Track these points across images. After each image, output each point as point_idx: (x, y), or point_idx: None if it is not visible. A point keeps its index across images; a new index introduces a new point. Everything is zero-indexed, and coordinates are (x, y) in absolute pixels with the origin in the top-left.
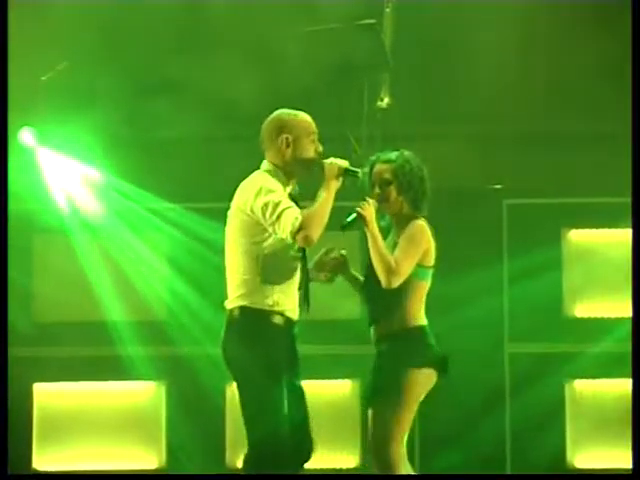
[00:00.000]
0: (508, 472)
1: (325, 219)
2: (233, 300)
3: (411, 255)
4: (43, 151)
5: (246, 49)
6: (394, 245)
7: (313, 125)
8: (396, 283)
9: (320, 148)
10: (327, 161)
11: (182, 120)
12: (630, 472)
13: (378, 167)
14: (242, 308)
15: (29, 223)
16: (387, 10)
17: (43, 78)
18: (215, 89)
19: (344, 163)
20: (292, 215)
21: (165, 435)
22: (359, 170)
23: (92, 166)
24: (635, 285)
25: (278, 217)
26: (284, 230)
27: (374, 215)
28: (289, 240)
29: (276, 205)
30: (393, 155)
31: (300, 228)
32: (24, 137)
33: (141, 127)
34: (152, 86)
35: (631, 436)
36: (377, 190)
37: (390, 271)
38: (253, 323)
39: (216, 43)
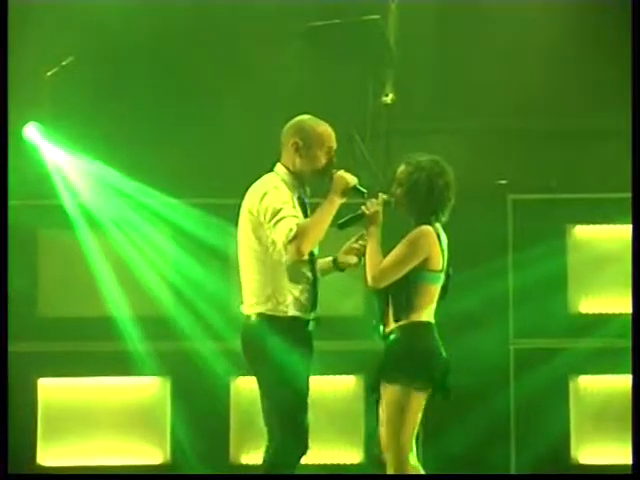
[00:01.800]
0: (512, 467)
1: (321, 233)
2: (250, 306)
3: (401, 260)
4: (48, 147)
5: (251, 46)
6: None
7: (332, 139)
8: (377, 285)
9: (334, 161)
10: (337, 174)
11: (190, 116)
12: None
13: (400, 167)
14: (259, 315)
15: (34, 219)
16: (392, 6)
17: (48, 74)
18: (222, 86)
19: (353, 180)
20: (287, 225)
21: (170, 431)
22: (365, 191)
23: (97, 162)
24: (635, 281)
25: (275, 224)
26: (278, 238)
27: (379, 215)
28: (282, 249)
29: (276, 212)
30: (415, 159)
31: (292, 239)
32: (29, 133)
33: (148, 123)
34: (159, 82)
35: (631, 437)
36: (394, 188)
37: (373, 274)
38: (271, 329)
39: (221, 40)
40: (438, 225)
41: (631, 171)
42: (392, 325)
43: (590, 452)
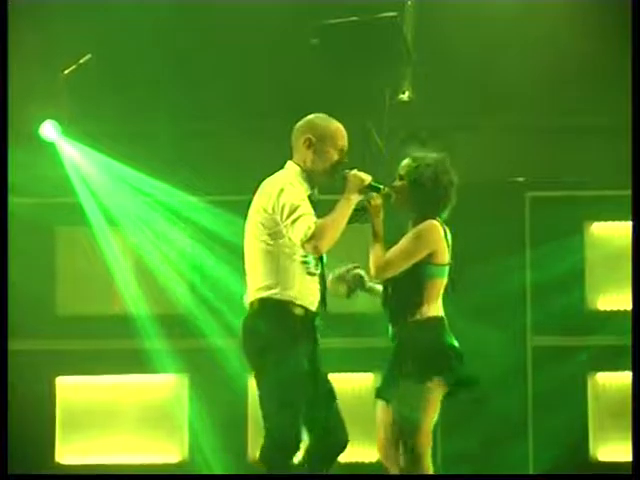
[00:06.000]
0: (530, 465)
1: (338, 232)
2: (253, 293)
3: (406, 252)
4: (66, 144)
5: (267, 43)
6: None
7: (344, 137)
8: (381, 276)
9: (345, 159)
10: (351, 173)
11: (206, 114)
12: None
13: (405, 161)
14: (262, 300)
15: (52, 217)
16: (409, 3)
17: (65, 72)
18: (237, 83)
19: (368, 178)
20: (306, 223)
21: (187, 428)
22: (382, 186)
23: (114, 159)
24: (635, 280)
25: (293, 222)
26: (296, 236)
27: (381, 209)
28: (299, 246)
29: (294, 209)
30: (422, 156)
31: (311, 237)
32: (46, 130)
33: (165, 121)
34: (177, 80)
35: (631, 436)
36: (396, 182)
37: (378, 264)
38: (273, 313)
39: (237, 37)
40: (440, 220)
41: (631, 170)
42: (404, 322)
43: (609, 449)
